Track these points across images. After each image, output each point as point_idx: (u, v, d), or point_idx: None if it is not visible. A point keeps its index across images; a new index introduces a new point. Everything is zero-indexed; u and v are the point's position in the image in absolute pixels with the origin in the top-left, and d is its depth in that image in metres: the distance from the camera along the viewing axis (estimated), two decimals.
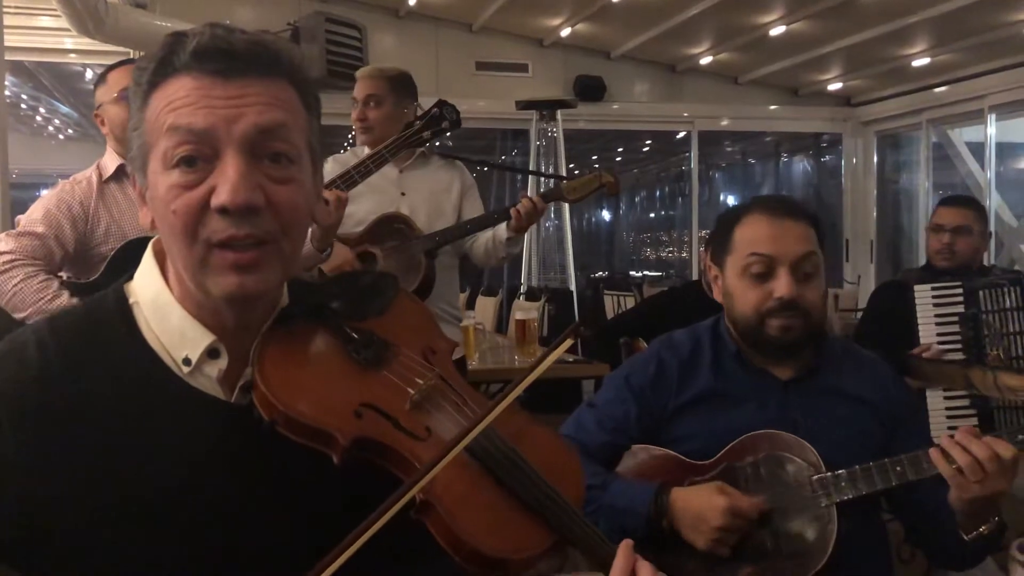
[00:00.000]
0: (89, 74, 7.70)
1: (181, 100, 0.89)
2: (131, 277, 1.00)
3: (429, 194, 2.95)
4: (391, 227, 2.79)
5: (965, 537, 1.50)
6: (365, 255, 2.76)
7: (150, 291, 0.97)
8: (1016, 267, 5.88)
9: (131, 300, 0.98)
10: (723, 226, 1.74)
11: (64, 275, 2.47)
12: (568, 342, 0.96)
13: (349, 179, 2.49)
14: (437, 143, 2.79)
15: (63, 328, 0.95)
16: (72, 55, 6.99)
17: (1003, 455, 1.41)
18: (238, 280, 0.90)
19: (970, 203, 3.29)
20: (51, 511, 0.87)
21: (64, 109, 10.26)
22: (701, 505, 1.53)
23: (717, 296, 1.76)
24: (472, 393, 1.01)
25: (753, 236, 1.66)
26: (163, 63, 0.91)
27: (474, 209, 3.00)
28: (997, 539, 1.51)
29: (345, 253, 2.63)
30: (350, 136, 7.47)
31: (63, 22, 5.41)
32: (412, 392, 0.96)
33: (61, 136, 11.67)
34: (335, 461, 0.88)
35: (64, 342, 0.93)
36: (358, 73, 2.98)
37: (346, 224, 2.69)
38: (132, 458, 0.89)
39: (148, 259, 1.00)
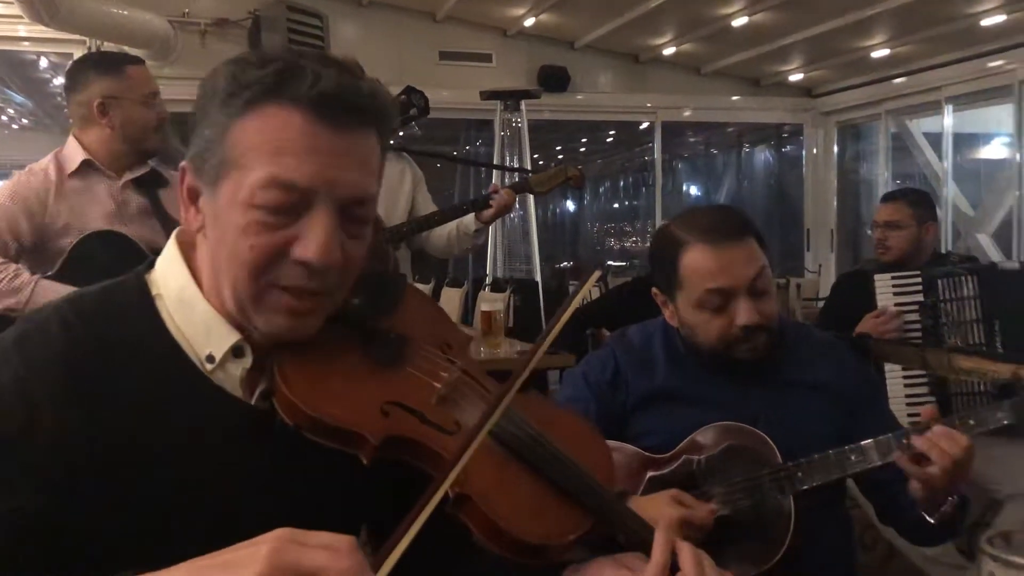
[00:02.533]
0: (44, 62, 7.54)
1: (289, 142, 0.87)
2: (151, 267, 0.98)
3: (385, 188, 2.93)
4: None
5: (930, 519, 1.52)
6: None
7: (175, 284, 0.95)
8: (973, 255, 5.99)
9: (154, 291, 0.95)
10: (665, 257, 1.69)
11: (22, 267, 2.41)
12: (584, 293, 0.94)
13: None
14: (402, 133, 2.77)
15: (87, 311, 0.92)
16: (26, 43, 6.83)
17: (955, 453, 1.42)
18: (289, 324, 0.90)
19: (904, 196, 3.36)
20: (75, 491, 0.84)
21: (18, 98, 10.04)
22: (654, 517, 1.51)
23: (671, 321, 1.74)
24: (494, 384, 1.00)
25: (704, 271, 1.62)
26: (273, 88, 0.88)
27: (425, 202, 2.99)
28: (963, 514, 1.52)
29: None
30: None
31: (16, 9, 5.29)
32: (438, 386, 0.95)
33: (15, 126, 11.42)
34: (364, 462, 0.86)
35: (88, 324, 0.91)
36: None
37: None
38: (150, 449, 0.87)
39: (173, 251, 0.97)
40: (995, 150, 8.18)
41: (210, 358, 0.92)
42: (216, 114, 0.89)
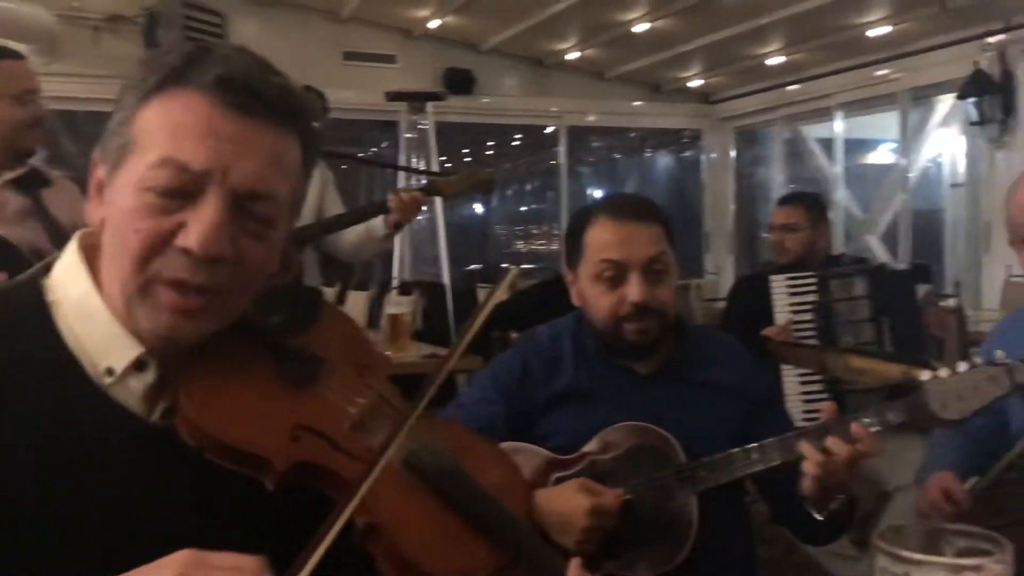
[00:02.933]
0: None
1: (188, 127, 0.83)
2: (47, 271, 0.91)
3: None
4: None
5: (819, 517, 1.56)
6: None
7: (76, 291, 0.88)
8: (863, 256, 6.25)
9: (49, 298, 0.88)
10: (573, 231, 1.75)
11: None
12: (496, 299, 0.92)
13: None
14: None
15: None
16: None
17: (863, 449, 1.46)
18: (171, 323, 0.85)
19: (798, 200, 3.47)
20: None
21: None
22: (566, 507, 1.53)
23: (575, 300, 1.77)
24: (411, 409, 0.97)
25: (602, 242, 1.68)
26: (180, 72, 0.84)
27: (335, 204, 2.94)
28: (849, 513, 1.58)
29: None
30: None
31: None
32: (353, 411, 0.90)
33: None
34: (268, 487, 0.82)
35: None
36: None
37: None
38: (42, 469, 0.81)
39: (73, 256, 0.90)
40: (882, 155, 8.56)
41: (109, 371, 0.86)
42: (127, 102, 0.87)
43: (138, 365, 0.87)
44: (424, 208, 7.56)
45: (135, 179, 0.84)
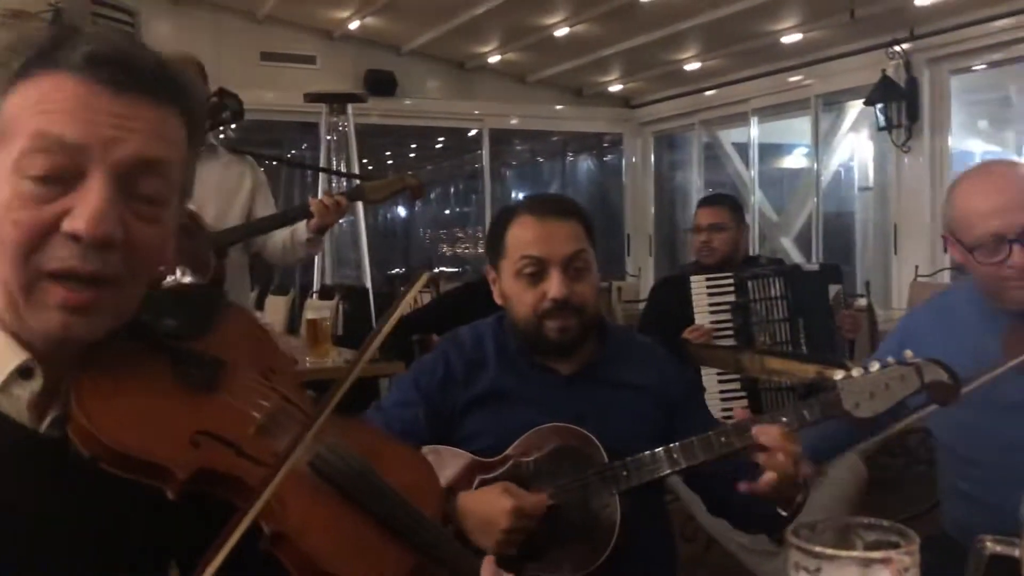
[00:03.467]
0: None
1: (58, 104, 0.77)
2: None
3: (217, 190, 2.80)
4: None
5: (784, 513, 1.58)
6: None
7: None
8: (778, 257, 6.41)
9: None
10: (496, 229, 1.75)
11: None
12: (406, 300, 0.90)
13: None
14: (223, 135, 2.64)
15: None
16: None
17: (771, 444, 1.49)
18: (63, 322, 0.79)
19: (723, 200, 3.54)
20: None
21: None
22: (487, 508, 1.52)
23: (497, 298, 1.77)
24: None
25: (523, 239, 1.69)
26: (45, 54, 0.78)
27: (266, 206, 2.88)
28: (801, 508, 1.60)
29: None
30: None
31: None
32: (257, 415, 0.87)
33: None
34: (170, 497, 0.78)
35: None
36: (174, 56, 2.78)
37: None
38: None
39: None
40: (796, 160, 8.80)
41: None
42: None
43: (23, 372, 0.82)
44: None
45: (8, 168, 0.79)
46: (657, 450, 1.58)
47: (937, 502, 1.97)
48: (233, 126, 2.63)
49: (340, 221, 7.79)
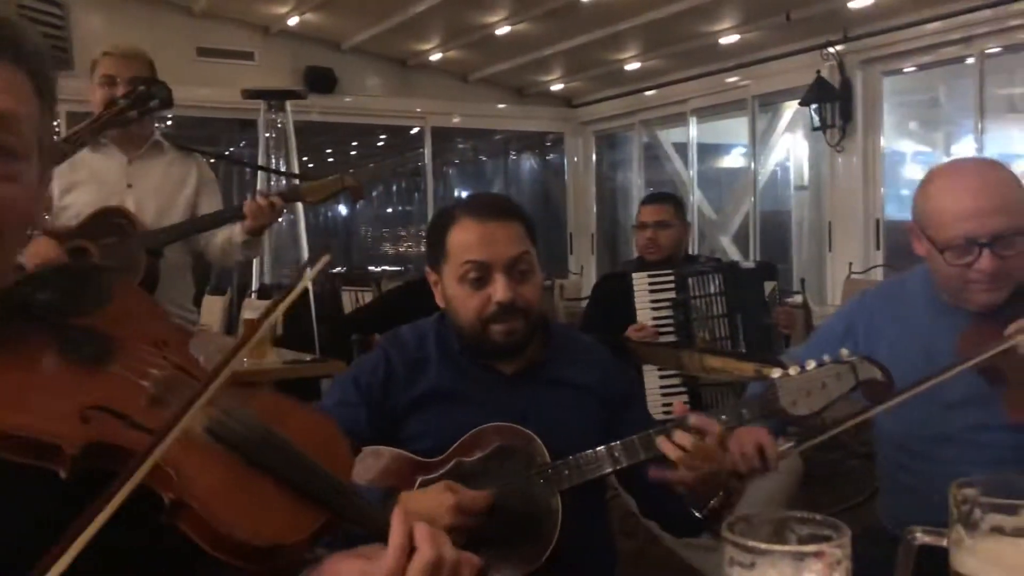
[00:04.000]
0: None
1: None
2: None
3: (160, 188, 2.73)
4: (109, 222, 2.55)
5: (698, 514, 1.59)
6: (77, 251, 2.50)
7: None
8: (717, 255, 6.51)
9: None
10: (436, 232, 1.72)
11: None
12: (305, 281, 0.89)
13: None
14: (157, 125, 2.57)
15: None
16: None
17: (709, 431, 1.51)
18: None
19: (667, 199, 3.58)
20: None
21: None
22: (429, 506, 1.50)
23: (439, 301, 1.75)
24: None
25: (465, 242, 1.66)
26: None
27: (211, 206, 2.82)
28: (725, 511, 1.61)
29: (47, 249, 2.36)
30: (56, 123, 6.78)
31: None
32: (147, 385, 0.86)
33: None
34: (63, 476, 0.76)
35: None
36: (116, 50, 2.70)
37: (62, 216, 2.43)
38: None
39: None
40: (734, 159, 8.94)
41: None
42: None
43: None
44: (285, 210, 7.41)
45: None
46: (599, 448, 1.59)
47: (872, 494, 2.01)
48: (169, 121, 2.57)
49: (279, 220, 7.70)
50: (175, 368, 0.90)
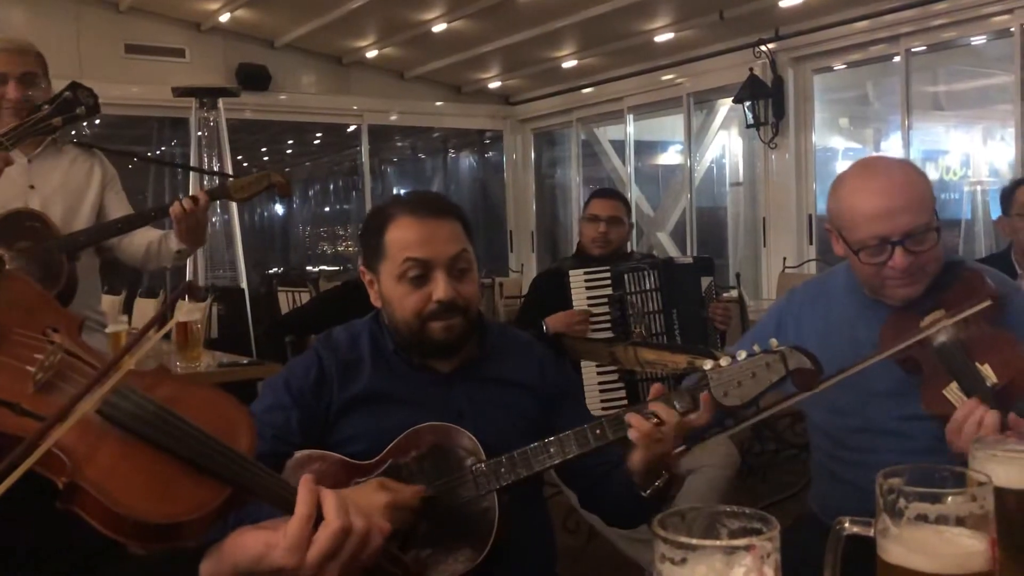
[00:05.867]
0: None
1: None
2: None
3: (63, 188, 2.63)
4: (22, 225, 2.45)
5: (643, 494, 1.61)
6: None
7: None
8: (654, 252, 6.57)
9: None
10: (373, 230, 1.70)
11: None
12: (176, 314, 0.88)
13: None
14: (72, 131, 2.47)
15: None
16: None
17: (665, 419, 1.52)
18: None
19: (620, 196, 3.60)
20: None
21: None
22: (364, 505, 1.49)
23: (375, 301, 1.73)
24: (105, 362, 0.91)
25: (405, 240, 1.64)
26: None
27: (118, 203, 2.72)
28: (667, 492, 1.63)
29: None
30: None
31: None
32: (33, 370, 0.85)
33: None
34: None
35: None
36: (8, 45, 2.57)
37: None
38: None
39: None
40: (670, 156, 9.05)
41: None
42: None
43: None
44: (218, 210, 7.27)
45: None
46: (534, 445, 1.58)
47: (806, 484, 2.04)
48: (97, 120, 2.48)
49: (212, 220, 7.52)
50: (63, 352, 0.89)
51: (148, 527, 0.80)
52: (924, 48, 6.00)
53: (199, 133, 7.24)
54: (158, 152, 8.41)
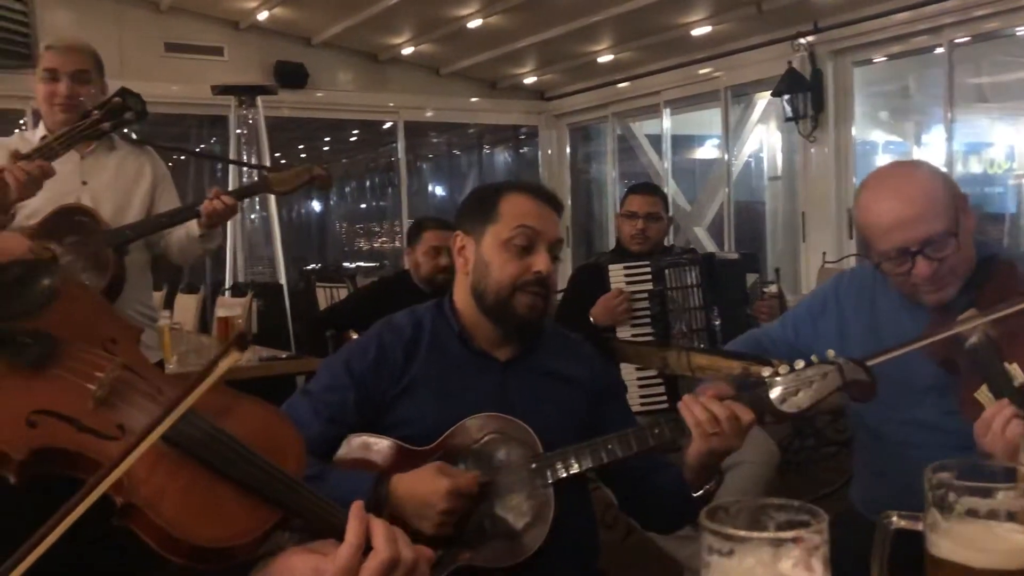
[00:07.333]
0: None
1: None
2: None
3: (114, 184, 2.68)
4: (72, 220, 2.50)
5: (693, 494, 1.61)
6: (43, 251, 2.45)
7: None
8: (692, 247, 6.53)
9: None
10: (485, 196, 1.75)
11: None
12: (230, 359, 0.87)
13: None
14: (126, 129, 2.53)
15: None
16: None
17: (742, 418, 1.52)
18: None
19: (657, 191, 3.56)
20: None
21: None
22: (425, 490, 1.51)
23: (461, 267, 1.75)
24: (167, 380, 0.92)
25: (522, 210, 1.70)
26: None
27: (168, 201, 2.77)
28: (714, 496, 1.64)
29: (16, 244, 2.30)
30: (22, 121, 6.69)
31: None
32: (93, 388, 0.85)
33: None
34: (12, 481, 0.77)
35: None
36: (60, 43, 2.64)
37: (18, 217, 2.38)
38: None
39: None
40: (707, 151, 8.98)
41: None
42: None
43: None
44: (256, 206, 7.35)
45: None
46: (596, 440, 1.59)
47: (848, 480, 2.02)
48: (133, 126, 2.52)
49: (251, 216, 7.60)
50: (122, 368, 0.89)
51: (200, 551, 0.81)
52: (968, 39, 5.89)
53: (238, 131, 7.32)
54: (198, 149, 8.51)
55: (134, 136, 2.66)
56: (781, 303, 3.95)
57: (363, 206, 11.85)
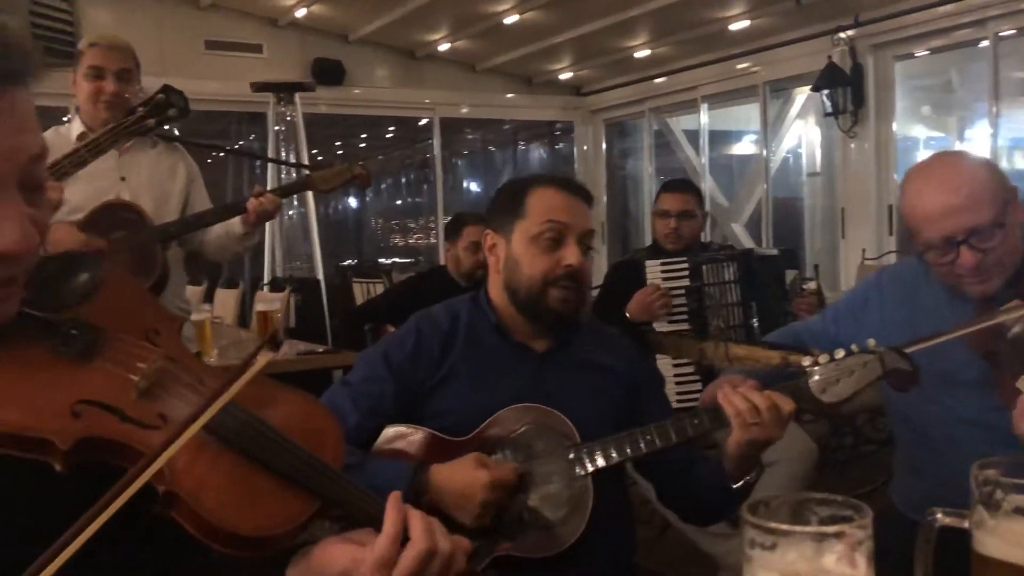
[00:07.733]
0: None
1: None
2: None
3: (152, 180, 2.73)
4: (117, 216, 2.55)
5: (732, 486, 1.60)
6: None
7: None
8: (729, 243, 6.48)
9: None
10: (513, 192, 1.75)
11: None
12: (261, 361, 0.87)
13: (59, 169, 2.24)
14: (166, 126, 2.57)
15: None
16: None
17: (783, 407, 1.52)
18: None
19: (690, 188, 3.53)
20: None
21: None
22: (464, 481, 1.52)
23: (493, 265, 1.76)
24: (208, 371, 0.93)
25: (549, 204, 1.70)
26: None
27: (201, 199, 2.82)
28: (752, 489, 1.63)
29: (68, 235, 2.35)
30: (64, 119, 6.81)
31: None
32: (136, 378, 0.86)
33: None
34: (59, 469, 0.78)
35: None
36: (104, 41, 2.69)
37: (58, 212, 2.43)
38: None
39: None
40: (745, 146, 8.89)
41: None
42: None
43: None
44: (295, 203, 7.42)
45: None
46: (634, 431, 1.60)
47: (887, 479, 2.00)
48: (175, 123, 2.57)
49: (289, 212, 7.66)
50: (165, 359, 0.90)
51: (240, 538, 0.82)
52: (1013, 32, 5.78)
53: (276, 128, 7.39)
54: (237, 145, 8.61)
55: (176, 132, 2.70)
56: (820, 300, 3.92)
57: (399, 202, 11.90)
